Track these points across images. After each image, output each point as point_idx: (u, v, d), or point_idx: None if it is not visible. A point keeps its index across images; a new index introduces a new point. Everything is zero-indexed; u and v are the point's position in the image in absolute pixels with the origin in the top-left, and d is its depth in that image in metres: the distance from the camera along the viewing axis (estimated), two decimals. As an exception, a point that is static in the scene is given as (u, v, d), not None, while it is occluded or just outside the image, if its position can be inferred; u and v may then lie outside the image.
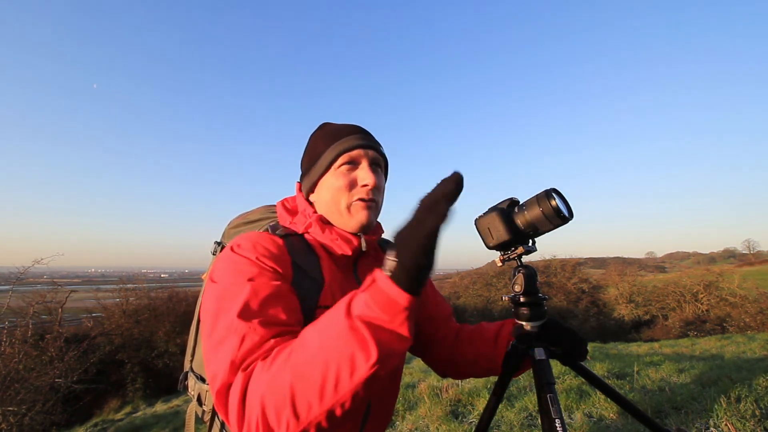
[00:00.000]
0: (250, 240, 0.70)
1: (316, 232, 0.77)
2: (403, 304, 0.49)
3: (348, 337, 0.48)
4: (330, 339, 0.49)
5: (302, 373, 0.49)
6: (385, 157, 0.85)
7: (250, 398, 0.51)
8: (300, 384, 0.48)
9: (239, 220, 0.94)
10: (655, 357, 4.28)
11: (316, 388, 0.48)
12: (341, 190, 0.77)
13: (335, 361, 0.48)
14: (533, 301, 0.78)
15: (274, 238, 0.72)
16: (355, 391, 0.48)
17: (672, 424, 2.08)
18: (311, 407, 0.48)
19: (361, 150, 0.78)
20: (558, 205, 0.72)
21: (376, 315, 0.49)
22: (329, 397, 0.48)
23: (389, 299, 0.49)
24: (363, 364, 0.47)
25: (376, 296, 0.50)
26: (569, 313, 15.24)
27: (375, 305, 0.49)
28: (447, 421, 2.52)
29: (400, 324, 0.50)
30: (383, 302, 0.49)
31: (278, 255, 0.69)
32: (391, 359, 0.50)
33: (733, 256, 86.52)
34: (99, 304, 11.63)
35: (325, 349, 0.49)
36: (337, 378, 0.48)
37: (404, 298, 0.49)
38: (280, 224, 0.83)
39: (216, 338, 0.58)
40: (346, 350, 0.48)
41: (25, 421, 5.90)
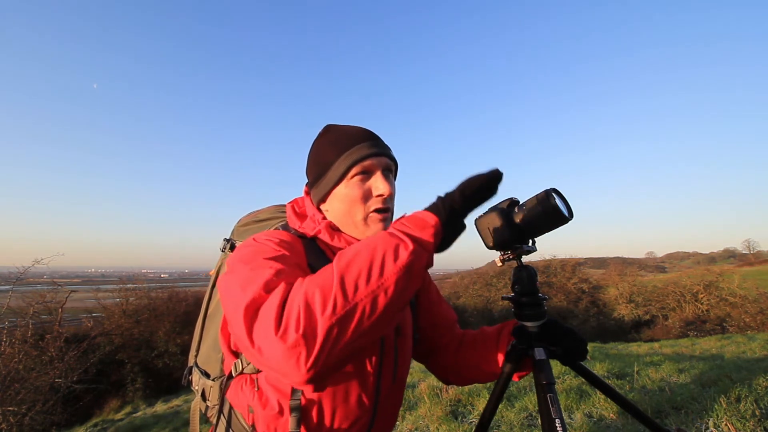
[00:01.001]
0: (271, 233, 0.72)
1: (326, 238, 0.78)
2: (431, 222, 0.60)
3: (389, 237, 0.58)
4: (373, 240, 0.58)
5: (350, 262, 0.55)
6: (396, 162, 0.83)
7: (292, 298, 0.53)
8: (349, 268, 0.54)
9: (249, 218, 0.95)
10: (655, 357, 4.29)
11: (364, 270, 0.54)
12: (356, 201, 0.75)
13: (381, 249, 0.56)
14: (533, 301, 0.78)
15: (292, 236, 0.74)
16: (398, 277, 0.54)
17: (672, 424, 2.08)
18: (358, 287, 0.52)
19: (374, 159, 0.76)
20: (558, 205, 0.72)
21: (408, 227, 0.60)
22: (375, 279, 0.53)
23: (420, 219, 0.61)
24: (404, 252, 0.56)
25: (410, 219, 0.61)
26: (569, 313, 15.24)
27: (408, 222, 0.61)
28: (447, 421, 2.52)
29: (429, 236, 0.59)
30: (415, 221, 0.60)
31: (297, 249, 0.71)
32: (422, 260, 0.58)
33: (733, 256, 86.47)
34: (99, 304, 11.64)
35: (370, 245, 0.57)
36: (383, 261, 0.54)
37: (433, 219, 0.60)
38: (290, 226, 0.83)
39: (243, 279, 0.59)
40: (390, 243, 0.56)
41: (25, 421, 5.91)
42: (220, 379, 0.82)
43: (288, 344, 0.49)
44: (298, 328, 0.49)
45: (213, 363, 0.85)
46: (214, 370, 0.84)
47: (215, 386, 0.82)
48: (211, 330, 0.87)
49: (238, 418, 0.75)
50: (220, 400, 0.79)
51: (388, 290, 0.53)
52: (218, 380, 0.82)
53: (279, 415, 0.69)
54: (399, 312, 0.58)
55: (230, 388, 0.77)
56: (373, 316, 0.52)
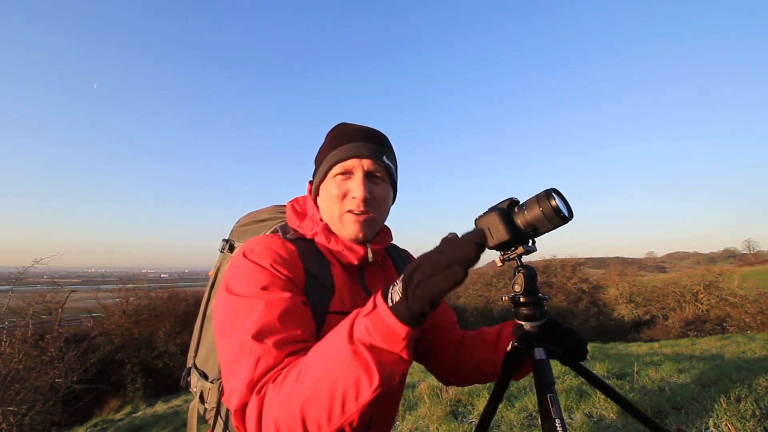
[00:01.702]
0: (263, 246, 0.70)
1: (322, 240, 0.78)
2: (402, 335, 0.51)
3: (351, 362, 0.51)
4: (334, 364, 0.52)
5: (310, 398, 0.52)
6: (389, 167, 0.81)
7: (266, 421, 0.55)
8: (309, 408, 0.52)
9: (248, 219, 0.94)
10: (655, 357, 4.29)
11: (324, 410, 0.51)
12: (334, 199, 0.77)
13: (341, 385, 0.51)
14: (533, 301, 0.78)
15: (287, 244, 0.73)
16: (362, 411, 0.52)
17: (672, 424, 2.08)
18: (321, 427, 0.52)
19: (356, 160, 0.76)
20: (558, 205, 0.72)
21: (377, 341, 0.52)
22: (337, 418, 0.52)
23: (389, 329, 0.51)
24: (367, 388, 0.50)
25: (376, 324, 0.52)
26: (569, 313, 15.23)
27: (375, 333, 0.51)
28: (447, 421, 2.52)
29: (400, 350, 0.52)
30: (383, 331, 0.51)
31: (290, 261, 0.70)
32: (393, 380, 0.53)
33: (733, 256, 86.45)
34: (99, 304, 11.63)
35: (330, 373, 0.52)
36: (344, 401, 0.51)
37: (404, 330, 0.51)
38: (289, 226, 0.83)
39: (232, 353, 0.61)
40: (351, 375, 0.51)
41: (25, 421, 5.90)
42: (219, 381, 0.81)
43: None
44: None
45: (212, 365, 0.84)
46: (212, 371, 0.83)
47: (214, 388, 0.81)
48: (210, 332, 0.87)
49: None
50: (218, 401, 0.79)
51: (353, 423, 0.52)
52: (217, 382, 0.81)
53: None
54: None
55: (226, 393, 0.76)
56: None
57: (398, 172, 0.86)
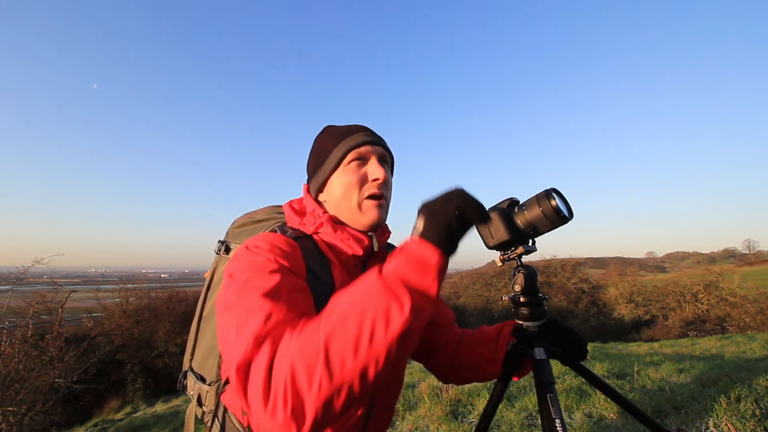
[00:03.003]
0: (266, 240, 0.70)
1: (328, 231, 0.77)
2: (434, 261, 0.52)
3: (382, 292, 0.50)
4: (364, 296, 0.51)
5: (336, 330, 0.48)
6: (391, 153, 0.86)
7: (278, 364, 0.49)
8: (334, 340, 0.48)
9: (244, 219, 0.93)
10: (655, 357, 4.29)
11: (350, 342, 0.48)
12: (352, 185, 0.77)
13: (370, 314, 0.48)
14: (533, 301, 0.78)
15: (288, 240, 0.72)
16: (389, 347, 0.48)
17: (672, 424, 2.08)
18: (345, 363, 0.47)
19: (369, 146, 0.80)
20: (558, 205, 0.72)
21: (407, 272, 0.51)
22: (363, 352, 0.47)
23: (420, 258, 0.52)
24: (398, 316, 0.48)
25: (407, 256, 0.52)
26: (569, 313, 15.24)
27: (406, 264, 0.52)
28: (447, 421, 2.52)
29: (430, 282, 0.52)
30: (414, 261, 0.52)
31: (293, 255, 0.69)
32: (421, 318, 0.51)
33: (733, 256, 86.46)
34: (99, 304, 11.62)
35: (359, 305, 0.50)
36: (373, 331, 0.48)
37: (435, 255, 0.52)
38: (289, 226, 0.82)
39: (237, 318, 0.57)
40: (381, 303, 0.49)
41: (25, 421, 5.90)
42: (217, 384, 0.80)
43: (277, 423, 0.47)
44: (286, 405, 0.47)
45: (209, 367, 0.83)
46: (210, 374, 0.82)
47: (211, 391, 0.80)
48: (207, 333, 0.86)
49: (232, 420, 0.75)
50: (216, 403, 0.78)
51: (378, 362, 0.48)
52: (214, 385, 0.81)
53: None
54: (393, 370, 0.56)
55: (227, 390, 0.76)
56: (364, 387, 0.49)
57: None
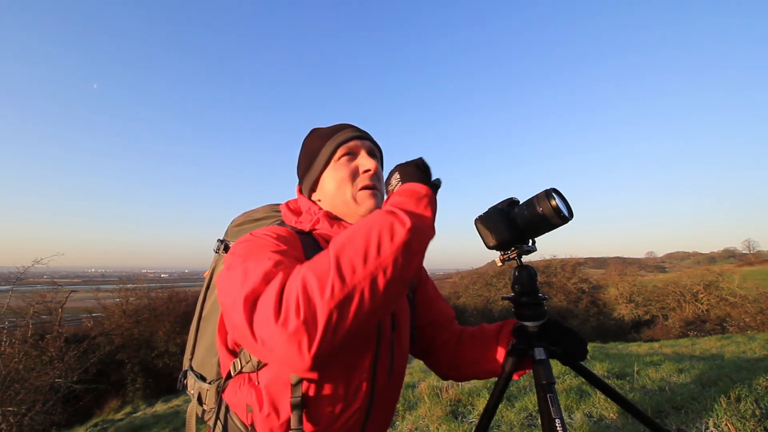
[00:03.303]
0: (268, 228, 0.73)
1: (325, 227, 0.79)
2: (423, 191, 0.63)
3: (384, 214, 0.58)
4: (368, 219, 0.58)
5: (345, 245, 0.54)
6: (379, 147, 0.88)
7: (290, 283, 0.52)
8: (345, 250, 0.53)
9: (243, 218, 0.94)
10: (655, 357, 4.28)
11: (360, 251, 0.53)
12: (345, 179, 0.79)
13: (377, 228, 0.55)
14: (533, 300, 0.78)
15: (289, 230, 0.75)
16: (395, 255, 0.54)
17: (672, 424, 2.08)
18: (356, 270, 0.51)
19: (358, 141, 0.82)
20: (558, 204, 0.72)
21: (403, 201, 0.61)
22: (372, 259, 0.53)
23: (411, 190, 0.63)
24: (400, 229, 0.55)
25: (399, 193, 0.64)
26: (569, 313, 15.24)
27: (399, 197, 0.62)
28: (447, 421, 2.52)
29: (424, 207, 0.62)
30: (406, 194, 0.63)
31: (294, 243, 0.72)
32: (422, 236, 0.58)
33: (733, 256, 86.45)
34: (99, 304, 11.63)
35: (365, 224, 0.57)
36: (380, 240, 0.54)
37: (422, 187, 0.64)
38: (287, 224, 0.84)
39: (244, 272, 0.57)
40: (386, 221, 0.56)
41: (25, 421, 5.90)
42: (217, 382, 0.81)
43: (289, 331, 0.48)
44: (299, 314, 0.48)
45: (209, 366, 0.84)
46: (210, 373, 0.83)
47: (212, 389, 0.81)
48: (207, 332, 0.86)
49: (233, 419, 0.75)
50: (217, 402, 0.79)
51: (387, 270, 0.52)
52: (215, 383, 0.81)
53: (278, 413, 0.69)
54: (401, 293, 0.57)
55: (227, 388, 0.76)
56: (374, 297, 0.52)
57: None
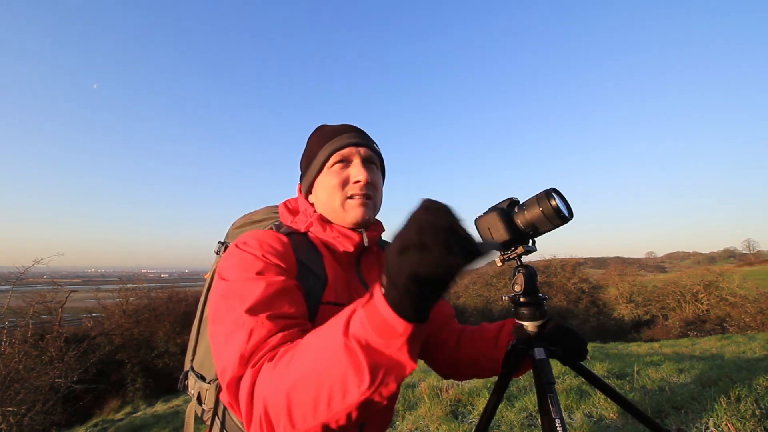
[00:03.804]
0: (256, 237, 0.72)
1: (317, 230, 0.79)
2: (400, 330, 0.43)
3: (342, 357, 0.45)
4: (325, 356, 0.47)
5: (297, 387, 0.48)
6: (379, 154, 0.86)
7: (257, 397, 0.52)
8: (296, 396, 0.48)
9: (243, 221, 0.95)
10: (655, 357, 4.28)
11: (309, 403, 0.47)
12: (335, 188, 0.78)
13: (328, 381, 0.46)
14: (533, 301, 0.78)
15: (279, 236, 0.74)
16: (348, 412, 0.46)
17: (672, 424, 2.08)
18: (306, 419, 0.48)
19: (353, 148, 0.80)
20: (558, 204, 0.72)
21: (371, 337, 0.45)
22: (322, 413, 0.47)
23: (384, 323, 0.44)
24: (355, 389, 0.45)
25: (371, 317, 0.45)
26: (569, 313, 15.24)
27: (371, 327, 0.45)
28: (447, 421, 2.52)
29: (397, 349, 0.45)
30: (379, 325, 0.44)
31: (283, 252, 0.71)
32: (387, 386, 0.45)
33: (733, 256, 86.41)
34: (99, 304, 11.62)
35: (320, 365, 0.47)
36: (329, 397, 0.46)
37: (401, 325, 0.43)
38: (283, 223, 0.84)
39: (225, 332, 0.60)
40: (339, 371, 0.45)
41: (25, 421, 5.90)
42: (216, 382, 0.81)
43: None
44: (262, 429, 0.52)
45: (209, 366, 0.84)
46: (210, 373, 0.83)
47: (211, 389, 0.81)
48: (207, 333, 0.87)
49: (232, 418, 0.75)
50: (215, 401, 0.79)
51: (339, 421, 0.47)
52: (214, 383, 0.81)
53: None
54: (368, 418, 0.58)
55: None
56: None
57: (388, 169, 0.92)
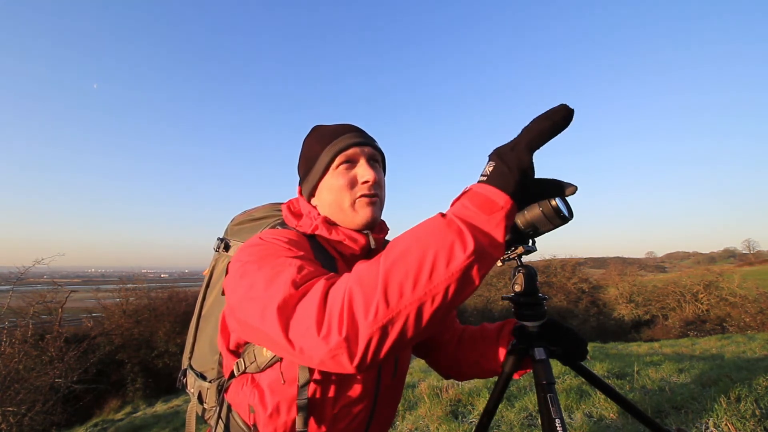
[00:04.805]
0: (279, 232, 0.71)
1: (323, 232, 0.77)
2: (501, 203, 0.50)
3: (445, 230, 0.48)
4: (427, 233, 0.49)
5: (397, 262, 0.48)
6: (382, 152, 0.84)
7: (334, 292, 0.50)
8: (394, 270, 0.47)
9: (243, 217, 0.93)
10: (655, 357, 4.28)
11: (411, 273, 0.47)
12: (342, 189, 0.76)
13: (433, 248, 0.47)
14: (533, 301, 0.78)
15: (298, 234, 0.74)
16: (448, 284, 0.47)
17: (672, 424, 2.08)
18: (403, 294, 0.47)
19: (357, 148, 0.78)
20: (558, 205, 0.72)
21: (473, 213, 0.50)
22: (422, 285, 0.47)
23: (486, 199, 0.50)
24: (460, 254, 0.47)
25: (473, 198, 0.51)
26: (569, 313, 15.25)
27: (471, 205, 0.50)
28: (447, 421, 2.52)
29: (496, 225, 0.49)
30: (480, 202, 0.50)
31: (304, 246, 0.70)
32: (485, 260, 0.49)
33: (733, 256, 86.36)
34: (99, 304, 11.64)
35: (422, 240, 0.49)
36: (434, 265, 0.47)
37: (502, 197, 0.50)
38: (289, 226, 0.82)
39: (265, 278, 0.56)
40: (445, 240, 0.48)
41: (25, 421, 5.90)
42: (218, 381, 0.81)
43: (330, 346, 0.47)
44: (341, 330, 0.47)
45: (209, 365, 0.83)
46: (210, 372, 0.83)
47: (212, 388, 0.81)
48: (206, 331, 0.86)
49: (236, 419, 0.75)
50: (219, 401, 0.79)
51: (436, 298, 0.47)
52: (215, 382, 0.81)
53: (282, 414, 0.69)
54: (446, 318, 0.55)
55: (230, 388, 0.76)
56: (418, 324, 0.48)
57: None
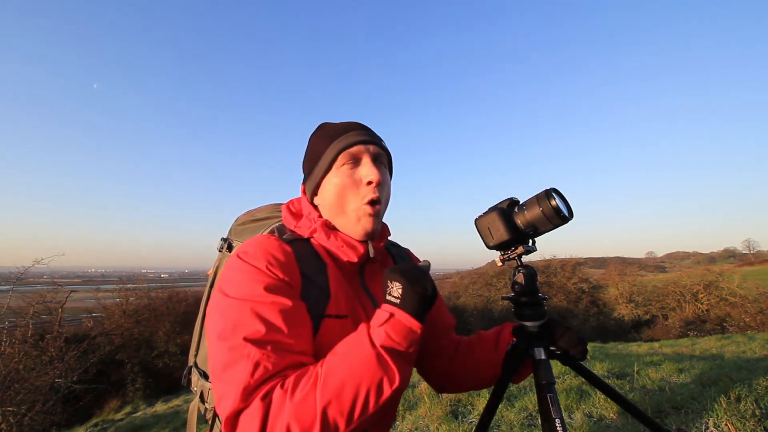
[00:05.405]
0: (259, 247, 0.68)
1: (321, 238, 0.75)
2: (418, 331, 0.61)
3: (376, 365, 0.57)
4: (359, 367, 0.57)
5: (333, 399, 0.55)
6: (387, 151, 0.82)
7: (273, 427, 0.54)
8: (331, 408, 0.54)
9: (246, 218, 0.94)
10: (655, 357, 4.28)
11: (346, 411, 0.55)
12: (346, 189, 0.75)
13: (365, 386, 0.56)
14: (533, 300, 0.78)
15: (283, 246, 0.70)
16: (376, 410, 0.57)
17: (672, 424, 2.08)
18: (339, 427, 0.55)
19: (362, 146, 0.76)
20: (558, 204, 0.72)
21: (396, 343, 0.59)
22: (357, 417, 0.56)
23: (407, 329, 0.60)
24: (388, 388, 0.57)
25: (397, 328, 0.60)
26: (569, 313, 15.24)
27: (396, 335, 0.59)
28: (447, 421, 2.52)
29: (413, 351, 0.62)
30: (402, 333, 0.60)
31: (286, 264, 0.67)
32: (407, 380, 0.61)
33: (733, 256, 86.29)
34: (99, 304, 11.64)
35: (355, 376, 0.56)
36: (366, 400, 0.56)
37: (417, 326, 0.60)
38: (286, 227, 0.81)
39: (223, 361, 0.58)
40: (375, 377, 0.57)
41: (25, 421, 5.90)
42: None
43: None
44: None
45: None
46: None
47: None
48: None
49: None
50: None
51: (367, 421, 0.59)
52: None
53: None
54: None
55: None
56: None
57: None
